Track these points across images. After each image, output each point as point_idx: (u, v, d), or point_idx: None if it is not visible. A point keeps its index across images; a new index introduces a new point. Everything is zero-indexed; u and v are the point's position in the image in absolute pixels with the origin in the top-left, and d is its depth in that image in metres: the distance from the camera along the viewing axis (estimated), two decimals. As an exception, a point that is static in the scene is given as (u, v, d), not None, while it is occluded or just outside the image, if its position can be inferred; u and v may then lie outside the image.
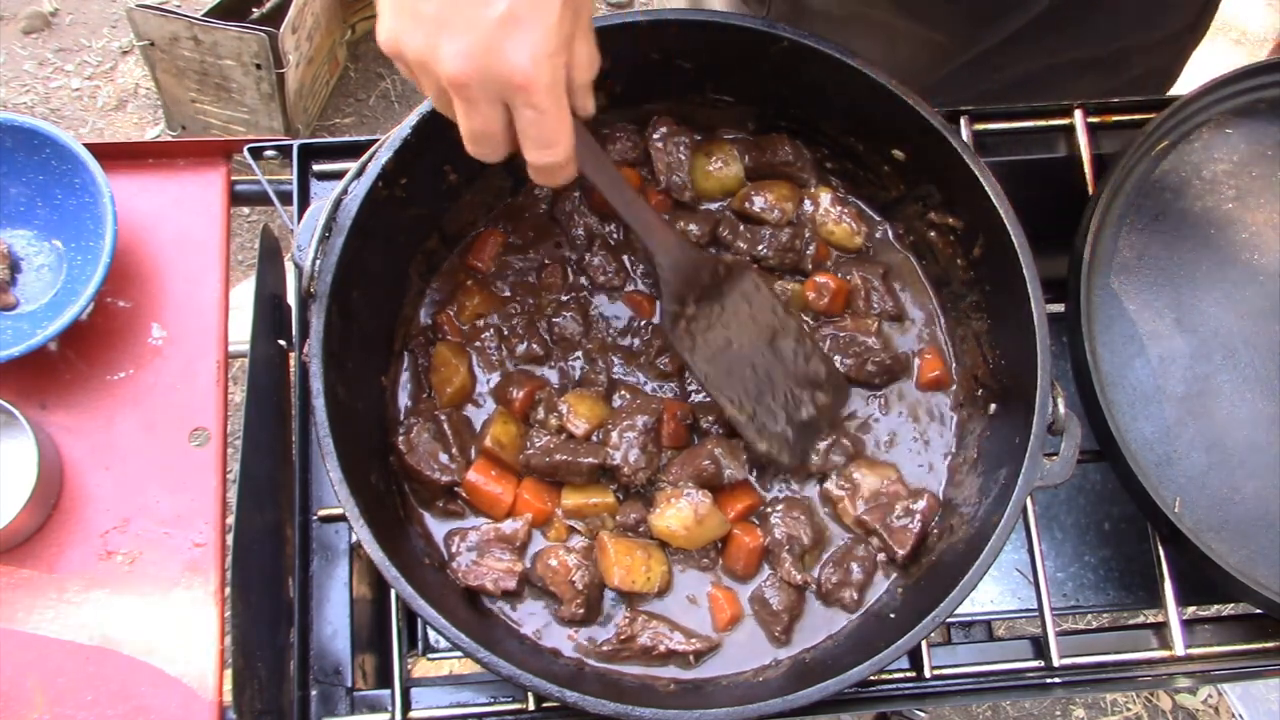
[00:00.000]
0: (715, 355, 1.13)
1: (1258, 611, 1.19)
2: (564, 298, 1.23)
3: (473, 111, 0.87)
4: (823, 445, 1.18)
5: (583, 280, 1.24)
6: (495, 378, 1.20)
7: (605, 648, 1.10)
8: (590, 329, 1.22)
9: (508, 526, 1.12)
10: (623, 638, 1.10)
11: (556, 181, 0.95)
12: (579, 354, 1.21)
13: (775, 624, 1.12)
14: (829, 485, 1.17)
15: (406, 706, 1.10)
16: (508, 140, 0.90)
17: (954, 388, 1.23)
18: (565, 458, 1.12)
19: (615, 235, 1.25)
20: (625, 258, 1.25)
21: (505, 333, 1.21)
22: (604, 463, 1.13)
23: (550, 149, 0.89)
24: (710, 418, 1.18)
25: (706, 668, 1.11)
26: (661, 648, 1.09)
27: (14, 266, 1.21)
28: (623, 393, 1.19)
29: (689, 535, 1.11)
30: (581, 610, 1.10)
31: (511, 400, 1.17)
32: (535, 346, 1.20)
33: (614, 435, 1.14)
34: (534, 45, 0.82)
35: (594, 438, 1.15)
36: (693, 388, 1.20)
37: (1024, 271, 1.07)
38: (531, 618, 1.12)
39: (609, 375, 1.20)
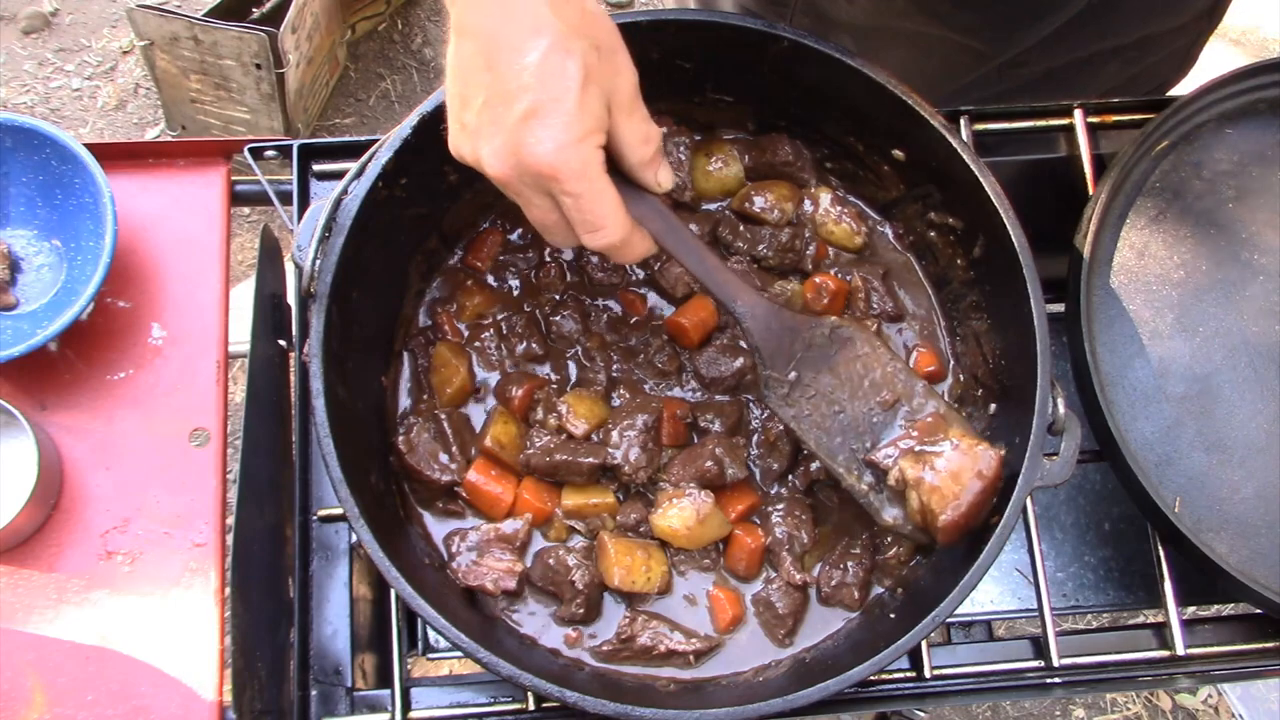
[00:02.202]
0: (825, 421, 1.07)
1: (1258, 611, 1.19)
2: (561, 296, 1.23)
3: (528, 205, 0.91)
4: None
5: (580, 279, 1.24)
6: (495, 377, 1.20)
7: (605, 648, 1.10)
8: (589, 327, 1.22)
9: (508, 526, 1.12)
10: (623, 637, 1.10)
11: (630, 259, 0.96)
12: (578, 352, 1.21)
13: (780, 627, 1.12)
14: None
15: (406, 706, 1.10)
16: (570, 228, 0.92)
17: (949, 382, 1.23)
18: (565, 458, 1.12)
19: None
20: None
21: (504, 332, 1.21)
22: (604, 462, 1.13)
23: (596, 231, 0.91)
24: (709, 415, 1.18)
25: (706, 668, 1.11)
26: (661, 648, 1.09)
27: (14, 266, 1.21)
28: (622, 391, 1.19)
29: (690, 535, 1.11)
30: (581, 610, 1.10)
31: (511, 399, 1.17)
32: (535, 346, 1.20)
33: (614, 434, 1.14)
34: (555, 135, 0.85)
35: (594, 437, 1.15)
36: (691, 387, 1.21)
37: (1024, 271, 1.07)
38: (531, 618, 1.12)
39: (608, 374, 1.20)
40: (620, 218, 0.91)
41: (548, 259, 1.24)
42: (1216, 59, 1.50)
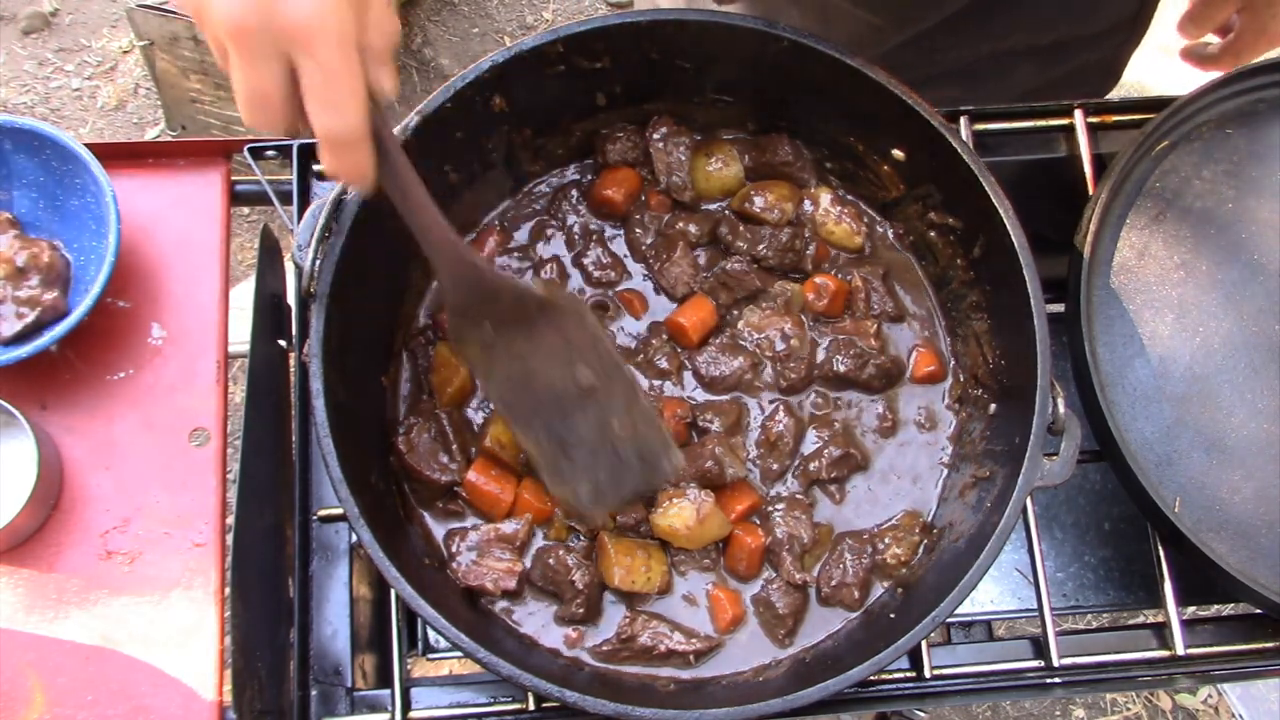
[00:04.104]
0: (516, 386, 1.03)
1: (1258, 611, 1.19)
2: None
3: (249, 67, 0.77)
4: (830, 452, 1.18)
5: (579, 277, 1.24)
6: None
7: (605, 648, 1.10)
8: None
9: (508, 527, 1.12)
10: (623, 637, 1.10)
11: (349, 166, 0.83)
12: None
13: (780, 626, 1.12)
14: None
15: (406, 706, 1.10)
16: (289, 106, 0.79)
17: (949, 382, 1.23)
18: None
19: (611, 233, 1.26)
20: (621, 255, 1.25)
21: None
22: None
23: (336, 110, 0.79)
24: (709, 415, 1.18)
25: (706, 668, 1.11)
26: (661, 648, 1.09)
27: (67, 279, 1.20)
28: None
29: (690, 535, 1.11)
30: (582, 610, 1.10)
31: (511, 400, 1.17)
32: (535, 346, 1.20)
33: None
34: None
35: None
36: (691, 387, 1.21)
37: (1024, 271, 1.07)
38: (531, 618, 1.12)
39: None
40: (363, 102, 0.79)
41: (548, 258, 1.25)
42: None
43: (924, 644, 1.11)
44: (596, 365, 1.03)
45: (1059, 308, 1.17)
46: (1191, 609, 1.72)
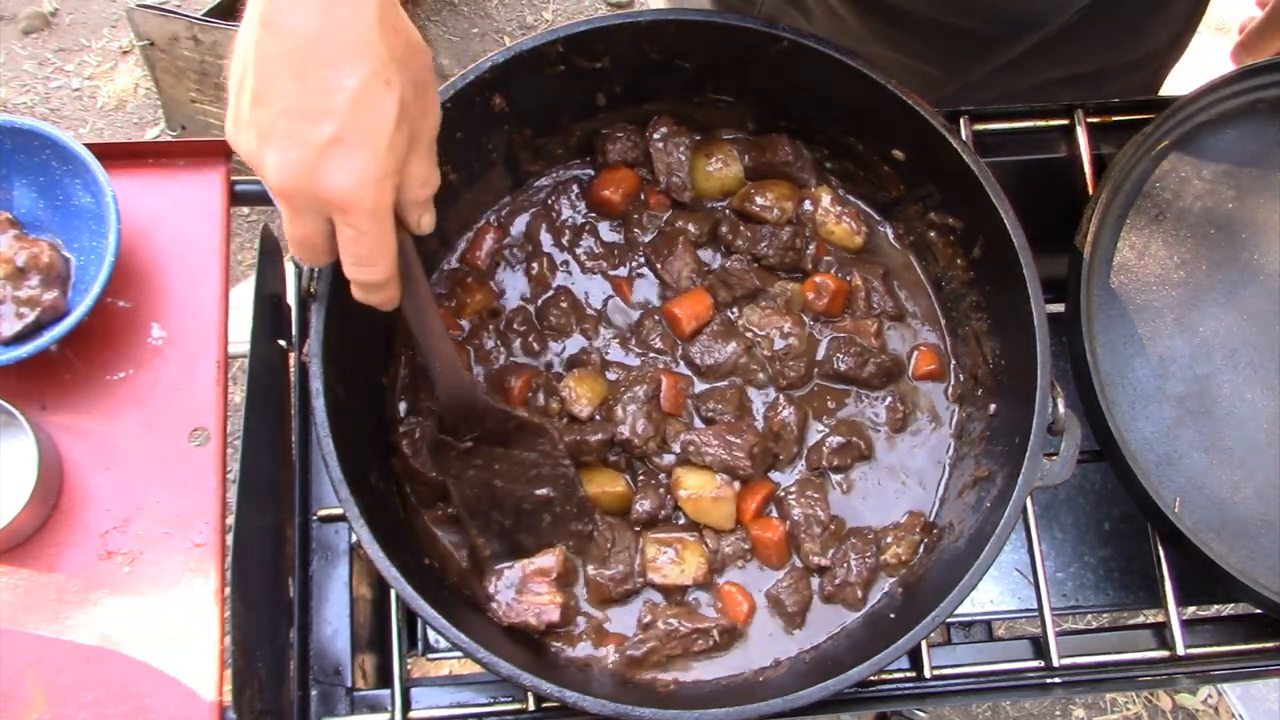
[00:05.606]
0: (479, 488, 1.11)
1: (1258, 611, 1.19)
2: (554, 289, 1.23)
3: (295, 220, 0.87)
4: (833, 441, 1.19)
5: (573, 267, 1.25)
6: (494, 372, 1.20)
7: (630, 643, 1.10)
8: (582, 313, 1.22)
9: (544, 560, 1.11)
10: (644, 623, 1.11)
11: (376, 300, 0.94)
12: (576, 334, 1.22)
13: (789, 624, 1.13)
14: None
15: (406, 706, 1.10)
16: (331, 250, 0.90)
17: (949, 381, 1.23)
18: (574, 438, 1.13)
19: (607, 225, 1.27)
20: (614, 247, 1.26)
21: (502, 327, 1.21)
22: (614, 437, 1.14)
23: (368, 268, 0.89)
24: (711, 403, 1.18)
25: (706, 668, 1.11)
26: (684, 628, 1.09)
27: (67, 279, 1.20)
28: (615, 370, 1.20)
29: (695, 504, 1.13)
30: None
31: (509, 389, 1.17)
32: (532, 341, 1.20)
33: (618, 409, 1.15)
34: (358, 170, 0.82)
35: (596, 417, 1.16)
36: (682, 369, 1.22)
37: (1024, 271, 1.07)
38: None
39: (602, 356, 1.21)
40: (392, 258, 0.90)
41: (545, 252, 1.25)
42: (1216, 59, 1.50)
43: (924, 644, 1.11)
44: (556, 480, 1.13)
45: (1059, 308, 1.17)
46: (1191, 609, 1.73)
